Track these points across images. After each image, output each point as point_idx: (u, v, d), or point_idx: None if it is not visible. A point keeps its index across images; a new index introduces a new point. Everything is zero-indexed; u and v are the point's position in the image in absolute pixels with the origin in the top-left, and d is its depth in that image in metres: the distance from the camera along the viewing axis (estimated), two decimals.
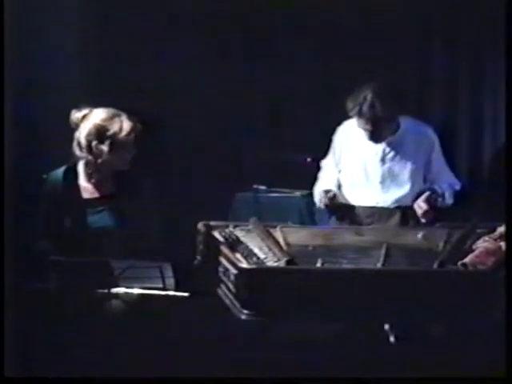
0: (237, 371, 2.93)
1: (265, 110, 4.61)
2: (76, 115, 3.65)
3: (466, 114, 4.56)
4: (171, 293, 3.34)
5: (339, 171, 4.17)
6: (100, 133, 3.59)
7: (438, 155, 4.13)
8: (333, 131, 4.15)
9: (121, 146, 3.61)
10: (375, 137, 3.99)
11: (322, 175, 4.22)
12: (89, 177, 3.66)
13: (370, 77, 4.03)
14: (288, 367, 3.03)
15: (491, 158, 4.56)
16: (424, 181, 4.10)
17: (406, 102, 4.14)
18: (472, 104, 4.54)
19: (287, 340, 3.18)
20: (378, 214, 4.08)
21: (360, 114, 3.89)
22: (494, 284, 3.08)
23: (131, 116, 3.69)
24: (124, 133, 3.61)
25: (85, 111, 3.64)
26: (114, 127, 3.61)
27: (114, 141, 3.60)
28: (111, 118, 3.63)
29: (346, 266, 3.27)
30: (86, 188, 3.67)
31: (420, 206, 3.93)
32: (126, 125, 3.62)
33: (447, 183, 4.10)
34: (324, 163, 4.23)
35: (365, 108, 3.85)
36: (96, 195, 3.67)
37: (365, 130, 3.97)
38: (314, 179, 4.25)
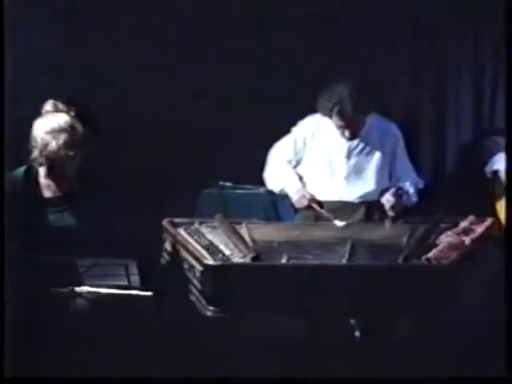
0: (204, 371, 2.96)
1: (227, 107, 4.60)
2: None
3: (429, 112, 4.59)
4: (136, 291, 3.33)
5: (297, 162, 4.17)
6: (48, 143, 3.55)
7: (401, 151, 4.16)
8: (293, 123, 4.16)
9: (73, 149, 3.58)
10: (352, 134, 4.01)
11: (277, 162, 4.19)
12: (48, 176, 3.63)
13: (339, 73, 4.04)
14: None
15: (454, 154, 4.60)
16: (389, 178, 4.13)
17: (379, 98, 4.16)
18: (435, 102, 4.57)
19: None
20: (342, 209, 4.09)
21: (337, 112, 3.89)
22: (457, 278, 3.11)
23: (85, 120, 3.67)
24: (77, 136, 3.58)
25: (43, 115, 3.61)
26: (66, 129, 3.58)
27: (66, 144, 3.57)
28: (64, 120, 3.60)
29: (311, 261, 3.28)
30: (47, 186, 3.64)
31: (388, 199, 3.95)
32: (80, 128, 3.59)
33: (411, 181, 4.13)
34: (279, 149, 4.21)
35: (342, 105, 3.86)
36: (57, 194, 3.64)
37: (339, 126, 3.98)
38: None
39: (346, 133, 3.99)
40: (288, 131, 4.17)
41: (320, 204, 4.06)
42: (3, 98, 3.44)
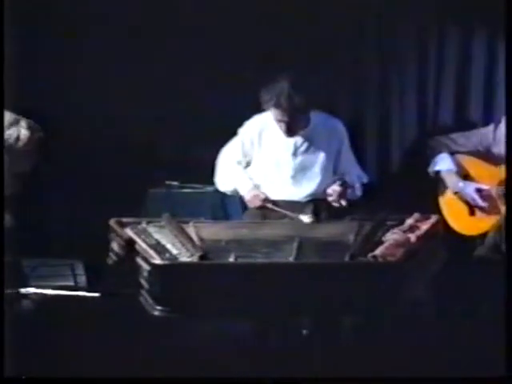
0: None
1: (176, 106, 4.59)
2: None
3: (374, 111, 4.62)
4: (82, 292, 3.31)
5: (246, 164, 4.17)
6: None
7: (346, 148, 4.18)
8: (240, 124, 4.16)
9: (18, 154, 3.54)
10: (290, 129, 4.01)
11: (227, 164, 4.19)
12: None
13: (283, 69, 4.05)
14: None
15: (399, 153, 4.64)
16: (334, 174, 4.14)
17: (320, 95, 4.18)
18: (380, 101, 4.61)
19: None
20: (290, 207, 4.10)
21: (277, 106, 3.90)
22: (403, 275, 3.14)
23: (32, 123, 3.63)
24: (21, 143, 3.54)
25: None
26: (11, 136, 3.54)
27: (11, 149, 3.53)
28: (8, 125, 3.56)
29: (259, 260, 3.28)
30: None
31: (334, 189, 3.95)
32: (24, 135, 3.55)
33: (356, 176, 4.16)
34: (228, 152, 4.20)
35: (282, 99, 3.87)
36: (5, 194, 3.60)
37: (280, 121, 3.98)
38: None
39: (283, 127, 3.99)
40: (236, 129, 4.17)
41: (275, 203, 4.07)
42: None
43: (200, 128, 4.55)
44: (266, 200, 4.04)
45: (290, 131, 4.00)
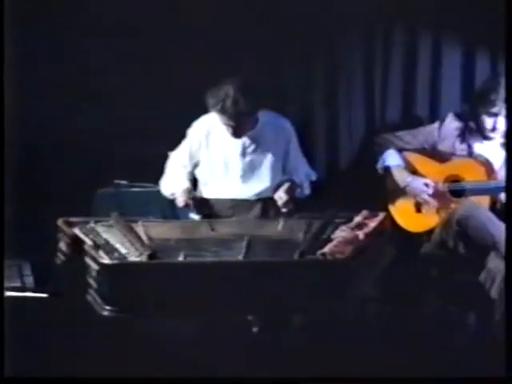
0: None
1: (124, 105, 4.56)
2: None
3: (321, 109, 4.64)
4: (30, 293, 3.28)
5: (194, 165, 4.17)
6: None
7: (295, 147, 4.20)
8: (188, 125, 4.16)
9: None
10: (237, 132, 4.01)
11: (173, 168, 4.18)
12: None
13: (229, 72, 4.05)
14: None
15: (347, 151, 4.66)
16: (283, 172, 4.16)
17: (266, 96, 4.19)
18: (328, 97, 4.63)
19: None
20: (238, 206, 4.11)
21: (223, 110, 3.89)
22: (352, 272, 3.17)
23: None
24: None
25: None
26: None
27: None
28: None
29: (209, 258, 3.28)
30: None
31: (280, 196, 3.98)
32: None
33: (304, 174, 4.18)
34: (176, 156, 4.19)
35: (228, 104, 3.86)
36: None
37: (227, 125, 3.99)
38: None
39: (230, 131, 4.00)
40: (185, 128, 4.17)
41: (206, 200, 4.07)
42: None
43: (148, 127, 4.52)
44: (190, 198, 4.02)
45: (238, 134, 4.01)
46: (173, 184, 4.12)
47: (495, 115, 3.99)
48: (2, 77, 3.41)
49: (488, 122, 4.03)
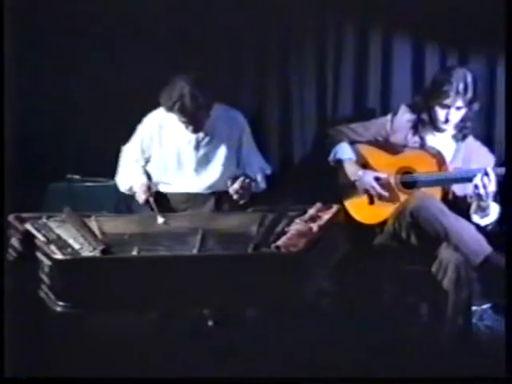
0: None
1: (76, 100, 4.52)
2: None
3: (274, 102, 4.65)
4: None
5: (146, 160, 4.16)
6: None
7: (248, 140, 4.20)
8: (140, 119, 4.14)
9: None
10: (196, 128, 4.01)
11: (127, 163, 4.17)
12: None
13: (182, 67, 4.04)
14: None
15: (301, 142, 4.67)
16: (237, 165, 4.17)
17: (220, 89, 4.18)
18: (281, 90, 4.64)
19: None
20: (192, 200, 4.10)
21: (181, 110, 3.88)
22: (305, 264, 3.18)
23: None
24: None
25: None
26: None
27: None
28: None
29: (163, 253, 3.28)
30: None
31: (236, 189, 3.98)
32: None
33: (258, 167, 4.19)
34: (128, 150, 4.18)
35: (186, 103, 3.84)
36: None
37: (185, 123, 3.98)
38: None
39: (190, 128, 4.00)
40: (137, 122, 4.15)
41: (161, 193, 4.06)
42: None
43: (101, 121, 4.49)
44: (150, 194, 4.01)
45: (197, 129, 4.02)
46: (129, 179, 4.11)
47: (448, 107, 4.03)
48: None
49: (441, 113, 4.06)
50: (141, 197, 4.00)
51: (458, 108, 4.02)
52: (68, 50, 4.50)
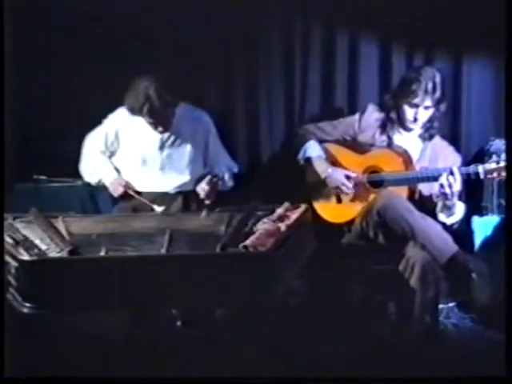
0: None
1: (42, 100, 4.49)
2: None
3: (243, 99, 4.65)
4: None
5: (111, 154, 4.15)
6: None
7: (214, 139, 4.20)
8: (104, 116, 4.13)
9: None
10: (163, 127, 4.01)
11: (91, 154, 4.16)
12: None
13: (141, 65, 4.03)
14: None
15: (269, 141, 4.68)
16: (204, 165, 4.17)
17: (185, 89, 4.18)
18: (248, 90, 4.64)
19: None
20: (160, 200, 4.10)
21: (147, 111, 3.87)
22: (274, 264, 3.18)
23: None
24: None
25: None
26: None
27: None
28: None
29: (131, 253, 3.26)
30: None
31: (203, 188, 3.99)
32: None
33: (225, 166, 4.19)
34: (91, 140, 4.16)
35: (153, 103, 3.84)
36: None
37: (152, 124, 3.98)
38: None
39: (159, 128, 4.00)
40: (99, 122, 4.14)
41: (137, 192, 4.07)
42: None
43: (67, 121, 4.47)
44: (128, 186, 4.02)
45: (164, 129, 4.01)
46: (98, 172, 4.10)
47: (416, 106, 4.05)
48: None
49: (409, 112, 4.08)
50: (118, 189, 4.00)
51: (427, 107, 4.05)
52: (32, 50, 4.47)
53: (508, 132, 3.56)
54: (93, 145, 4.14)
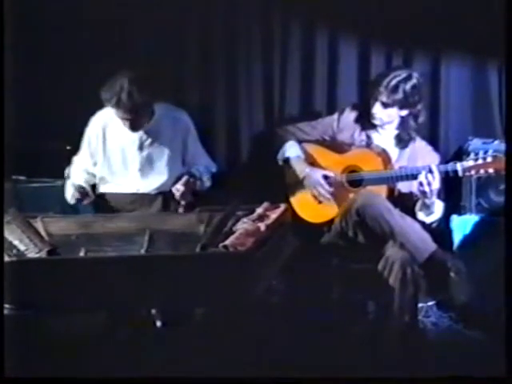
0: None
1: (22, 99, 4.48)
2: None
3: (222, 99, 4.65)
4: None
5: (95, 163, 4.14)
6: None
7: (193, 139, 4.20)
8: (86, 122, 4.12)
9: None
10: (134, 125, 3.99)
11: (75, 168, 4.16)
12: None
13: (124, 65, 4.02)
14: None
15: (248, 141, 4.68)
16: (182, 165, 4.17)
17: (163, 88, 4.17)
18: (228, 90, 4.64)
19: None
20: (139, 200, 4.10)
21: (118, 104, 3.86)
22: (254, 263, 3.19)
23: None
24: None
25: None
26: None
27: None
28: None
29: (110, 253, 3.26)
30: None
31: (178, 189, 3.98)
32: None
33: (204, 166, 4.19)
34: (77, 162, 4.16)
35: (123, 97, 3.83)
36: None
37: (123, 119, 3.96)
38: None
39: (127, 124, 3.98)
40: (83, 122, 4.13)
41: (105, 194, 4.06)
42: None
43: (47, 121, 4.45)
44: (87, 195, 4.01)
45: (135, 127, 4.00)
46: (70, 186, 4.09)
47: (375, 100, 4.06)
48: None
49: (372, 108, 4.10)
50: (74, 196, 3.99)
51: (385, 105, 4.04)
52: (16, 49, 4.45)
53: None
54: (78, 165, 4.14)
